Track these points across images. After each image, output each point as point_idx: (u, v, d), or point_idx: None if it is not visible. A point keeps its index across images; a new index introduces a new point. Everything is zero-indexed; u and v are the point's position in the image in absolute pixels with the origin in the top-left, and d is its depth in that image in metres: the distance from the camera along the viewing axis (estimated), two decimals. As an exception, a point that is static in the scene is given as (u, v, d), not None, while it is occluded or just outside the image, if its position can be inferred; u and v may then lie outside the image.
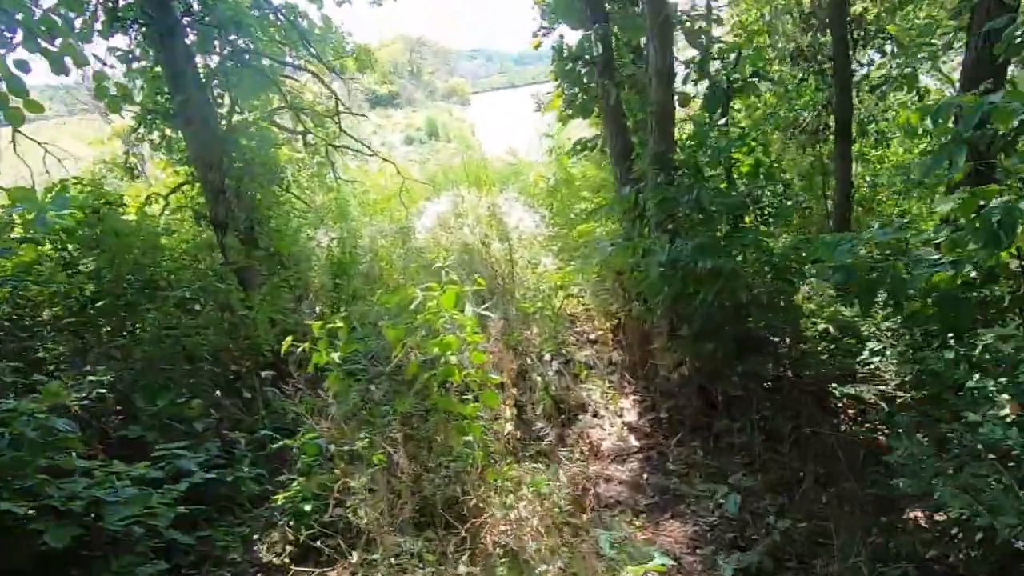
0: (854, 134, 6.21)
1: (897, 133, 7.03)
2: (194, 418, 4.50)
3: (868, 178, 7.22)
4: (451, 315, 3.47)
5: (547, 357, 6.06)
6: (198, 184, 7.01)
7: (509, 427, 4.41)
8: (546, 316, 6.69)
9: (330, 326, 3.74)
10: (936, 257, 3.31)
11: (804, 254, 4.21)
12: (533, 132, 11.26)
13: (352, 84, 10.87)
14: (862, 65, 6.25)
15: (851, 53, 5.60)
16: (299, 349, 3.73)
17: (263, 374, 5.61)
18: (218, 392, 5.76)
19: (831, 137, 6.74)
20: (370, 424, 4.06)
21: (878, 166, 7.54)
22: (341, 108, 8.80)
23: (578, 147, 6.73)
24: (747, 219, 4.42)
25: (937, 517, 3.36)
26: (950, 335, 3.58)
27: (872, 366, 4.20)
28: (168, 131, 7.35)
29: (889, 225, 3.47)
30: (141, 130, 7.40)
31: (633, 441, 5.07)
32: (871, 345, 4.08)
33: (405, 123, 38.27)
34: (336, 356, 3.64)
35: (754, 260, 4.26)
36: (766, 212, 4.37)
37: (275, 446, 4.06)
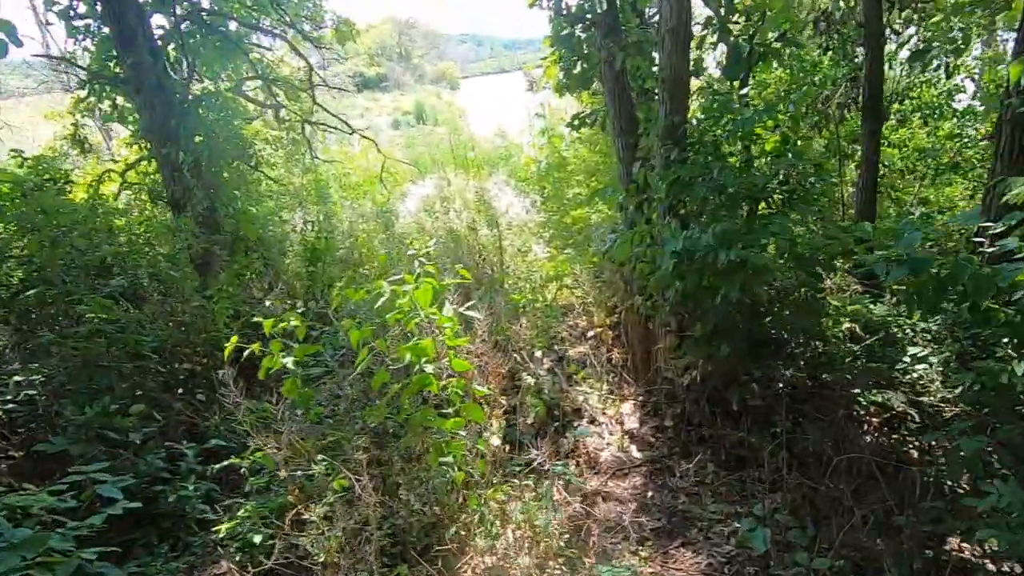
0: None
1: (925, 112, 6.45)
2: (129, 428, 3.87)
3: (887, 162, 6.66)
4: (427, 315, 2.87)
5: (538, 354, 5.47)
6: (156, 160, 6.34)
7: (496, 441, 3.83)
8: (537, 308, 6.13)
9: (283, 324, 3.12)
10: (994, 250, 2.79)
11: (837, 242, 3.66)
12: (524, 114, 10.73)
13: (333, 58, 10.15)
14: (897, 33, 5.65)
15: (884, 18, 4.98)
16: (245, 353, 3.12)
17: (221, 373, 5.01)
18: (179, 391, 5.17)
19: (851, 116, 6.16)
20: (334, 435, 3.46)
21: (896, 151, 6.97)
22: (316, 80, 8.09)
23: (575, 122, 6.11)
24: (773, 203, 3.84)
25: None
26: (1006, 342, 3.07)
27: (915, 374, 3.65)
28: (120, 100, 6.62)
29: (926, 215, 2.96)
30: (91, 98, 6.66)
31: (635, 452, 4.53)
32: (913, 350, 3.53)
33: (393, 106, 37.64)
34: (289, 362, 3.02)
35: (780, 251, 3.69)
36: (794, 196, 3.79)
37: (217, 466, 3.45)
